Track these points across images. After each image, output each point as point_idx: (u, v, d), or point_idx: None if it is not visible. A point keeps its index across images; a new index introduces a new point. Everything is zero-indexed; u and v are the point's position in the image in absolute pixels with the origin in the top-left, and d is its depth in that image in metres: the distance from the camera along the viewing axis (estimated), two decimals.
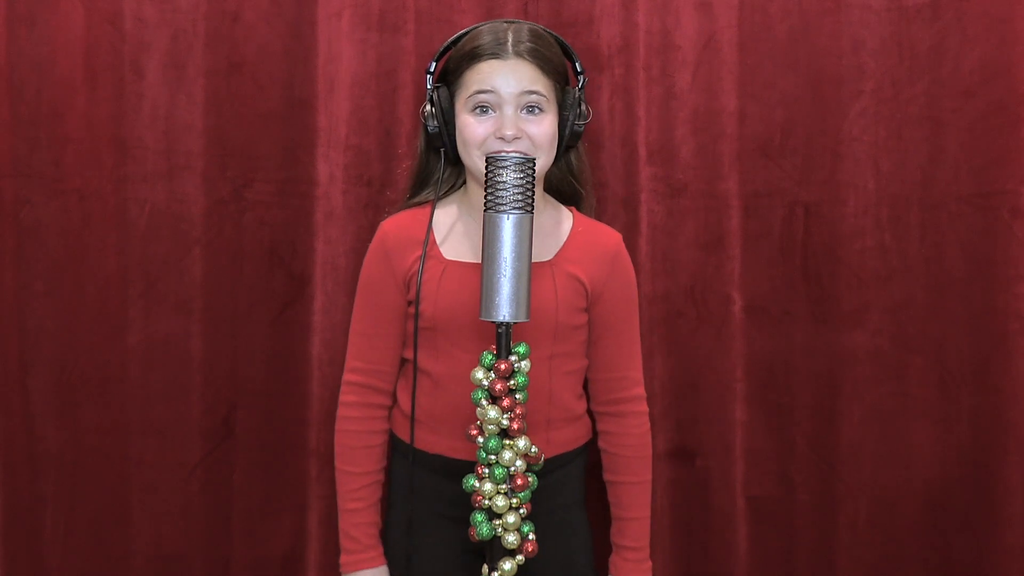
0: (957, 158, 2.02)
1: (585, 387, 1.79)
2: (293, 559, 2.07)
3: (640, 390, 1.73)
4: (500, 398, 1.34)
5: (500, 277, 1.32)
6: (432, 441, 1.67)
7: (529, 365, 1.37)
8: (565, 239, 1.68)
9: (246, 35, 2.02)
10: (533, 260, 1.61)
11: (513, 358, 1.35)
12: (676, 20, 2.01)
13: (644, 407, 1.73)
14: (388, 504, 1.74)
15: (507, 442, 1.35)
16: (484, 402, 1.35)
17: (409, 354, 1.67)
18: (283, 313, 2.06)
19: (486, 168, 1.33)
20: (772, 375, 2.06)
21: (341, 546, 1.68)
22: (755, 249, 2.04)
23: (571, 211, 1.73)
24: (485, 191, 1.33)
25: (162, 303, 2.05)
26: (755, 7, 2.02)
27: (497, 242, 1.32)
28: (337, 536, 2.04)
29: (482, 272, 1.33)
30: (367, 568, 1.67)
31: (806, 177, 2.04)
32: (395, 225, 1.70)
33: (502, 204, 1.31)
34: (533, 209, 1.33)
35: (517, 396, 1.35)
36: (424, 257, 1.58)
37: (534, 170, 1.33)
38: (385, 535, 1.72)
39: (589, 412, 1.78)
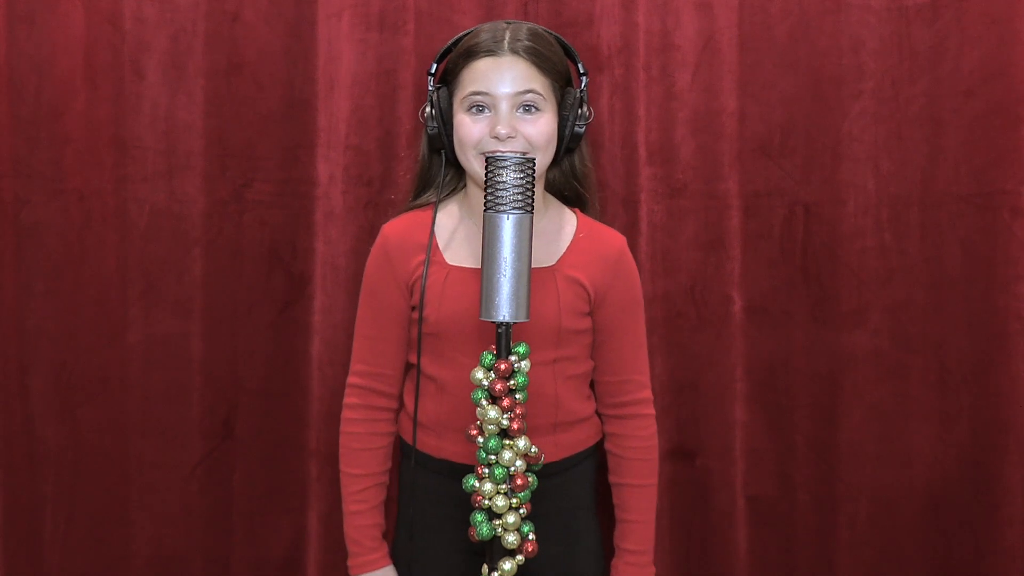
0: (957, 158, 2.02)
1: (593, 388, 1.78)
2: (293, 559, 2.07)
3: (646, 393, 1.72)
4: (500, 398, 1.34)
5: (500, 277, 1.32)
6: (437, 446, 1.67)
7: (529, 365, 1.36)
8: (568, 243, 1.67)
9: (246, 35, 2.02)
10: (535, 265, 1.61)
11: (513, 358, 1.35)
12: (676, 20, 2.01)
13: (651, 410, 1.72)
14: (397, 508, 1.74)
15: (507, 442, 1.34)
16: (484, 402, 1.35)
17: (414, 358, 1.67)
18: (283, 313, 2.06)
19: (486, 168, 1.33)
20: (772, 375, 2.06)
21: (347, 549, 1.68)
22: (755, 249, 2.04)
23: (575, 213, 1.72)
24: (485, 191, 1.33)
25: (162, 303, 2.05)
26: (755, 7, 2.02)
27: (497, 242, 1.32)
28: (337, 536, 2.04)
29: (482, 272, 1.33)
30: (373, 570, 1.67)
31: (806, 177, 2.04)
32: (396, 229, 1.69)
33: (502, 204, 1.31)
34: (533, 209, 1.33)
35: (517, 396, 1.35)
36: (428, 262, 1.57)
37: (534, 170, 1.33)
38: (393, 538, 1.72)
39: (598, 413, 1.78)
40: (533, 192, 1.33)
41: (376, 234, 2.02)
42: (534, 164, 1.34)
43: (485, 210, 1.33)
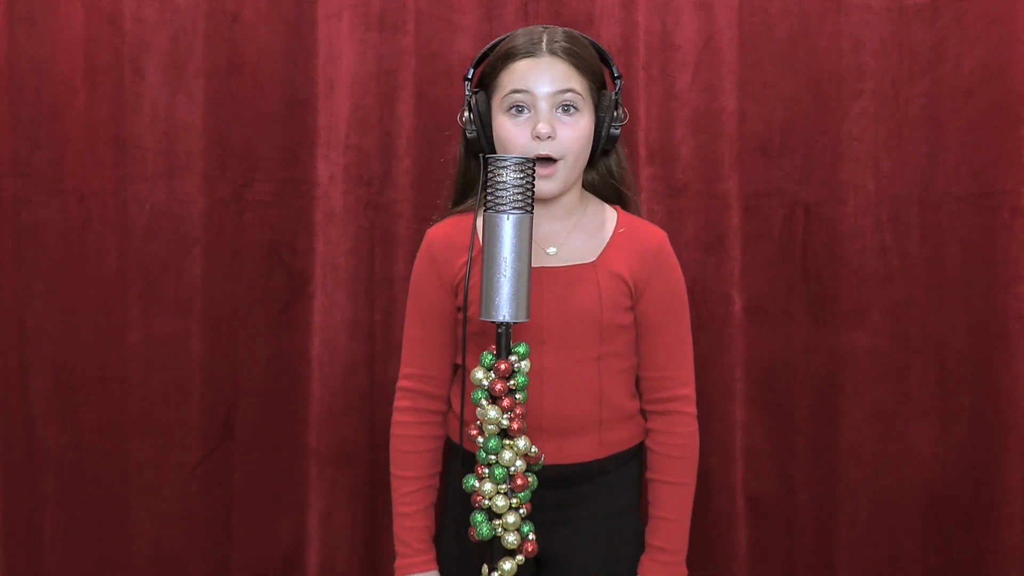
0: (957, 158, 2.02)
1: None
2: (293, 559, 2.07)
3: (687, 390, 1.69)
4: (500, 398, 1.34)
5: (500, 277, 1.32)
6: None
7: (529, 365, 1.36)
8: (608, 239, 1.67)
9: (246, 35, 2.02)
10: (577, 262, 1.62)
11: (513, 358, 1.35)
12: (676, 20, 2.01)
13: (691, 408, 1.69)
14: (443, 507, 1.73)
15: (507, 442, 1.34)
16: (484, 402, 1.35)
17: (460, 359, 1.67)
18: (283, 313, 2.06)
19: (487, 168, 1.33)
20: (772, 375, 2.06)
21: (396, 550, 1.68)
22: (755, 249, 2.05)
23: (615, 209, 1.72)
24: (485, 191, 1.33)
25: (162, 303, 2.05)
26: (755, 7, 2.02)
27: (497, 242, 1.32)
28: (337, 536, 2.05)
29: (482, 272, 1.33)
30: (418, 572, 1.66)
31: (806, 177, 2.04)
32: (440, 232, 1.69)
33: (502, 204, 1.31)
34: (533, 209, 1.33)
35: (517, 396, 1.35)
36: (471, 262, 1.58)
37: (534, 170, 1.33)
38: (439, 538, 1.71)
39: (642, 412, 1.74)
40: (533, 192, 1.33)
41: (376, 233, 2.04)
42: (534, 164, 1.34)
43: (485, 210, 1.33)
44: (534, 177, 1.33)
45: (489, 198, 1.32)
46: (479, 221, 1.62)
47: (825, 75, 2.02)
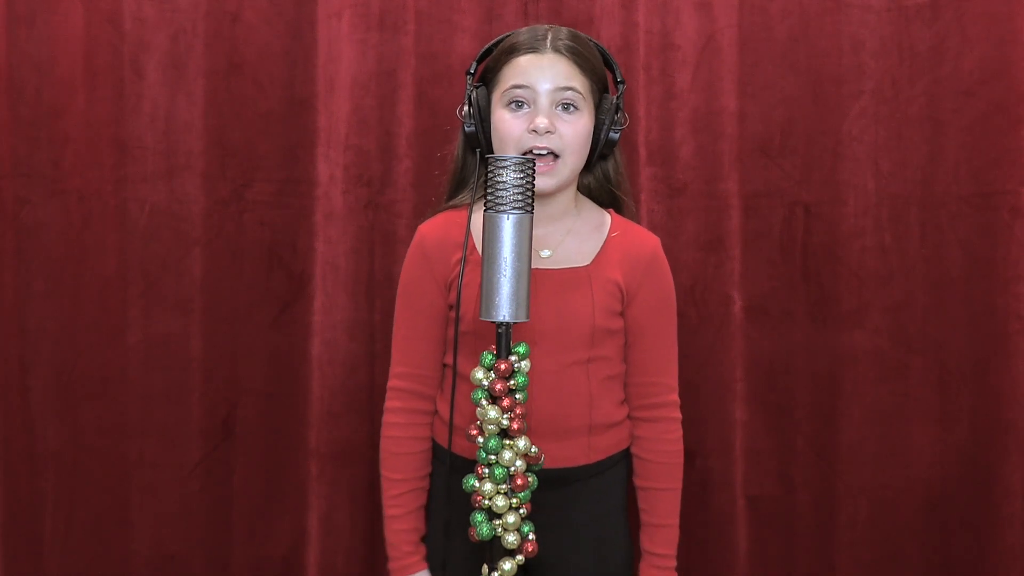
0: (957, 158, 2.02)
1: None
2: (293, 559, 2.07)
3: (673, 396, 1.71)
4: (500, 398, 1.34)
5: (500, 277, 1.32)
6: (471, 447, 1.66)
7: (529, 365, 1.36)
8: (602, 243, 1.67)
9: (246, 35, 2.02)
10: (570, 265, 1.63)
11: (513, 358, 1.35)
12: (676, 20, 2.01)
13: (677, 414, 1.70)
14: (430, 510, 1.74)
15: (507, 442, 1.35)
16: (484, 402, 1.35)
17: (450, 359, 1.66)
18: (283, 313, 2.06)
19: (487, 168, 1.33)
20: (772, 375, 2.06)
21: (387, 553, 1.68)
22: (755, 249, 2.05)
23: (609, 214, 1.72)
24: (485, 191, 1.33)
25: (162, 303, 2.05)
26: (755, 7, 2.02)
27: (497, 242, 1.32)
28: (337, 536, 2.05)
29: (482, 272, 1.33)
30: (409, 574, 1.66)
31: (806, 177, 2.04)
32: (433, 228, 1.68)
33: (502, 204, 1.32)
34: (533, 209, 1.33)
35: (517, 396, 1.35)
36: (464, 260, 1.57)
37: (534, 170, 1.33)
38: (427, 541, 1.71)
39: (630, 418, 1.75)
40: (533, 192, 1.33)
41: (376, 234, 2.04)
42: (534, 164, 1.34)
43: (485, 210, 1.33)
44: (534, 177, 1.34)
45: (489, 198, 1.32)
46: (476, 220, 1.62)
47: (825, 75, 2.02)
